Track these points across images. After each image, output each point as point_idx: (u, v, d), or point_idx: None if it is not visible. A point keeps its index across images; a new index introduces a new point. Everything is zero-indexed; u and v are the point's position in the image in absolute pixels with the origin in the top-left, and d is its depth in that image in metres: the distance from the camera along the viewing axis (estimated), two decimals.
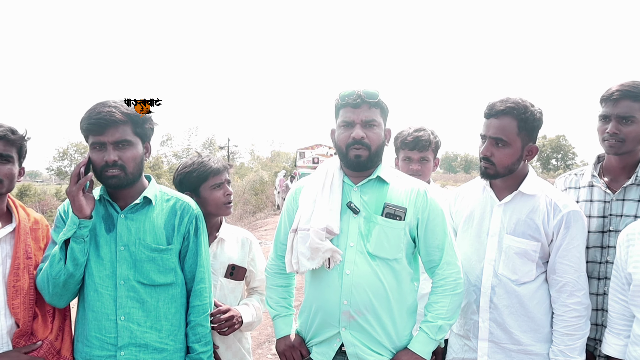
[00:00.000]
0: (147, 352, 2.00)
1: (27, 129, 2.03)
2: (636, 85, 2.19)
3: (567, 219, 2.07)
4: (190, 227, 2.09)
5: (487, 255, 2.18)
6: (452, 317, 2.10)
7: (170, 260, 2.04)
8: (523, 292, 2.11)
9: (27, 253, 1.95)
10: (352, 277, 2.03)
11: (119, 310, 1.98)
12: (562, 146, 63.78)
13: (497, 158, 2.11)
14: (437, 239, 2.10)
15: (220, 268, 2.38)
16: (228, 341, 2.35)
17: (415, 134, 2.80)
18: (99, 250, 2.01)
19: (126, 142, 1.96)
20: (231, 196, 2.43)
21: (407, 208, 2.08)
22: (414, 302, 2.15)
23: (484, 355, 2.18)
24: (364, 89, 2.06)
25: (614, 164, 2.31)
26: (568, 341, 2.06)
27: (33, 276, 1.95)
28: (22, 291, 1.90)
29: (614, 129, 2.20)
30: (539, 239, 2.10)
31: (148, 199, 2.06)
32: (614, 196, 2.27)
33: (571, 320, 2.06)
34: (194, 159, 2.47)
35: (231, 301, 2.39)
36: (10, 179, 1.96)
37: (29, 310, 1.91)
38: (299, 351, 2.19)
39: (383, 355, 2.06)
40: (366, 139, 2.05)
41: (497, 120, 2.10)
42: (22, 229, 1.97)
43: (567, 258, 2.08)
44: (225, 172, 2.44)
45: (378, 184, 2.13)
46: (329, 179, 2.15)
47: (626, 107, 2.18)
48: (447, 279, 2.10)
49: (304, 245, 2.06)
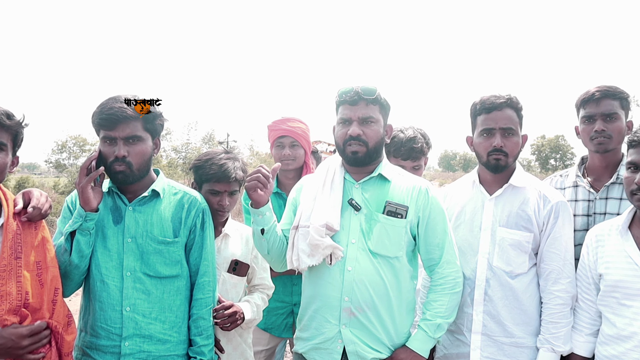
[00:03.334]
0: (151, 343, 2.03)
1: (24, 114, 1.83)
2: (612, 86, 2.35)
3: (555, 209, 2.15)
4: (197, 220, 2.13)
5: (481, 249, 2.22)
6: (451, 315, 2.13)
7: (176, 252, 2.08)
8: (516, 285, 2.17)
9: (16, 252, 1.75)
10: (353, 274, 2.04)
11: (125, 301, 2.01)
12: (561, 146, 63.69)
13: (509, 148, 2.19)
14: (438, 237, 2.12)
15: (224, 263, 2.41)
16: (229, 335, 2.38)
17: (408, 145, 2.73)
18: (106, 242, 2.04)
19: (136, 138, 1.99)
20: (225, 207, 2.37)
21: (409, 206, 2.10)
22: (412, 300, 2.18)
23: (477, 349, 2.21)
24: (362, 86, 2.07)
25: (597, 163, 2.41)
26: (552, 329, 2.12)
27: (21, 279, 1.73)
28: (8, 297, 1.69)
29: (601, 126, 2.32)
30: (532, 229, 2.16)
31: (156, 192, 2.10)
32: (597, 195, 2.36)
33: (555, 308, 2.12)
34: (214, 153, 2.43)
35: (233, 296, 2.41)
36: (1, 170, 1.76)
37: (14, 318, 1.72)
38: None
39: (382, 353, 2.07)
40: (363, 135, 2.06)
41: (501, 112, 2.19)
42: (10, 226, 1.75)
43: (554, 246, 2.14)
44: (233, 183, 2.36)
45: (379, 181, 2.14)
46: (330, 176, 2.17)
47: (609, 105, 2.32)
48: (447, 278, 2.12)
49: (304, 242, 2.07)
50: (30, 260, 1.80)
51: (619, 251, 2.00)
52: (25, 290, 1.75)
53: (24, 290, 1.74)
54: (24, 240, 1.80)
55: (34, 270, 1.80)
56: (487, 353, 2.20)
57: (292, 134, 2.96)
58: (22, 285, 1.74)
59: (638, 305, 1.92)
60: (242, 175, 2.39)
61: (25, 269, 1.77)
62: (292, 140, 2.96)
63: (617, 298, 1.98)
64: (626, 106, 2.36)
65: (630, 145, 1.97)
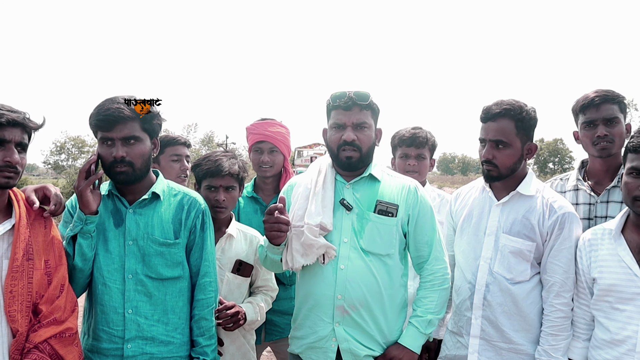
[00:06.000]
0: (154, 345, 2.03)
1: (44, 117, 1.87)
2: (609, 90, 2.36)
3: (561, 220, 2.12)
4: (197, 221, 2.13)
5: (483, 254, 2.22)
6: (441, 311, 2.18)
7: (177, 254, 2.08)
8: (517, 292, 2.15)
9: (27, 254, 1.79)
10: (346, 272, 2.07)
11: (127, 303, 2.01)
12: (560, 150, 63.90)
13: (499, 160, 2.16)
14: (426, 234, 2.17)
15: (228, 263, 2.43)
16: (232, 335, 2.39)
17: (412, 131, 2.90)
18: (107, 245, 2.04)
19: (134, 139, 1.98)
20: (222, 203, 2.41)
21: (399, 205, 2.13)
22: (404, 297, 2.21)
23: (475, 352, 2.21)
24: (355, 91, 2.10)
25: (598, 167, 2.41)
26: (552, 341, 2.10)
27: (32, 280, 1.79)
28: (19, 297, 1.75)
29: (603, 131, 2.31)
30: (534, 239, 2.14)
31: (156, 194, 2.10)
32: (598, 199, 2.36)
33: (556, 321, 2.11)
34: (212, 152, 2.51)
35: (237, 296, 2.42)
36: (22, 170, 1.81)
37: (25, 318, 1.76)
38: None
39: (374, 350, 2.10)
40: (357, 141, 2.10)
41: (494, 123, 2.15)
42: (22, 227, 1.80)
43: (557, 258, 2.12)
44: (228, 178, 2.42)
45: (370, 181, 2.18)
46: (321, 177, 2.19)
47: (609, 109, 2.33)
48: (436, 274, 2.17)
49: (298, 241, 2.09)
50: (41, 260, 1.84)
51: (612, 255, 2.00)
52: (36, 290, 1.79)
53: (34, 290, 1.79)
54: (35, 241, 1.84)
55: (43, 269, 1.84)
56: (485, 357, 2.20)
57: (271, 140, 2.87)
58: (33, 285, 1.79)
59: (631, 309, 1.92)
60: (239, 171, 2.45)
61: (37, 268, 1.81)
62: (272, 146, 2.88)
63: (610, 302, 1.98)
64: (624, 109, 2.38)
65: (631, 150, 1.96)
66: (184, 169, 3.06)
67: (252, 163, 2.99)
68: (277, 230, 2.04)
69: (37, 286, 1.79)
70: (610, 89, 2.37)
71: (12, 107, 1.77)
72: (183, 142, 3.13)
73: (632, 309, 1.92)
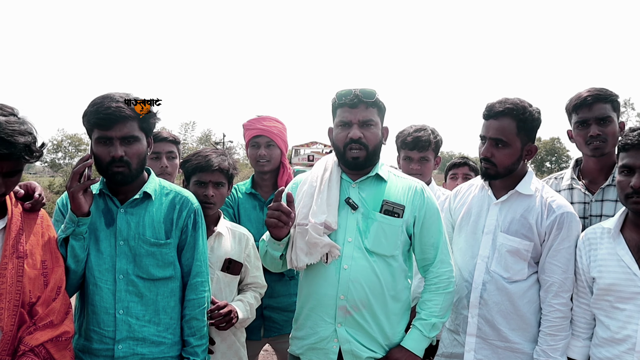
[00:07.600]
0: (145, 345, 2.01)
1: (44, 142, 1.84)
2: (602, 88, 2.35)
3: (559, 220, 2.11)
4: (188, 221, 2.11)
5: (481, 252, 2.22)
6: (445, 315, 2.15)
7: (169, 254, 2.07)
8: (514, 290, 2.15)
9: (17, 252, 1.77)
10: (349, 272, 2.05)
11: (118, 304, 1.99)
12: (557, 149, 64.02)
13: (498, 159, 2.15)
14: (433, 237, 2.14)
15: (217, 262, 2.42)
16: (224, 334, 2.38)
17: (415, 134, 2.84)
18: (98, 245, 2.02)
19: (133, 138, 1.96)
20: (211, 198, 2.39)
21: (405, 206, 2.11)
22: (407, 299, 2.18)
23: (471, 351, 2.21)
24: (361, 89, 2.08)
25: (592, 166, 2.42)
26: (550, 341, 2.10)
27: (23, 279, 1.75)
28: (7, 295, 1.72)
29: (596, 131, 2.31)
30: (532, 238, 2.14)
31: (147, 193, 2.07)
32: (593, 197, 2.36)
33: (555, 321, 2.11)
34: (202, 149, 2.52)
35: (227, 295, 2.42)
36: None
37: (12, 317, 1.72)
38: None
39: (376, 352, 2.07)
40: (364, 139, 2.07)
41: (496, 122, 2.15)
42: (13, 224, 1.79)
43: (556, 258, 2.12)
44: (217, 173, 2.41)
45: (376, 181, 2.16)
46: (327, 175, 2.17)
47: (601, 109, 2.32)
48: (441, 277, 2.14)
49: (302, 240, 2.08)
50: (36, 260, 1.81)
51: (612, 255, 2.00)
52: (29, 289, 1.76)
53: (26, 289, 1.75)
54: (29, 240, 1.81)
55: (40, 269, 1.82)
56: (481, 355, 2.20)
57: (267, 134, 2.86)
58: (24, 284, 1.75)
59: (631, 309, 1.93)
60: (228, 167, 2.44)
61: (31, 268, 1.79)
62: (268, 140, 2.86)
63: (610, 301, 1.98)
64: (617, 108, 2.37)
65: (622, 149, 1.97)
66: (163, 166, 2.93)
67: (250, 159, 2.97)
68: (276, 218, 2.00)
69: (30, 286, 1.76)
70: (603, 88, 2.36)
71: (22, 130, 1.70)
72: (163, 138, 2.97)
73: (632, 308, 1.92)
